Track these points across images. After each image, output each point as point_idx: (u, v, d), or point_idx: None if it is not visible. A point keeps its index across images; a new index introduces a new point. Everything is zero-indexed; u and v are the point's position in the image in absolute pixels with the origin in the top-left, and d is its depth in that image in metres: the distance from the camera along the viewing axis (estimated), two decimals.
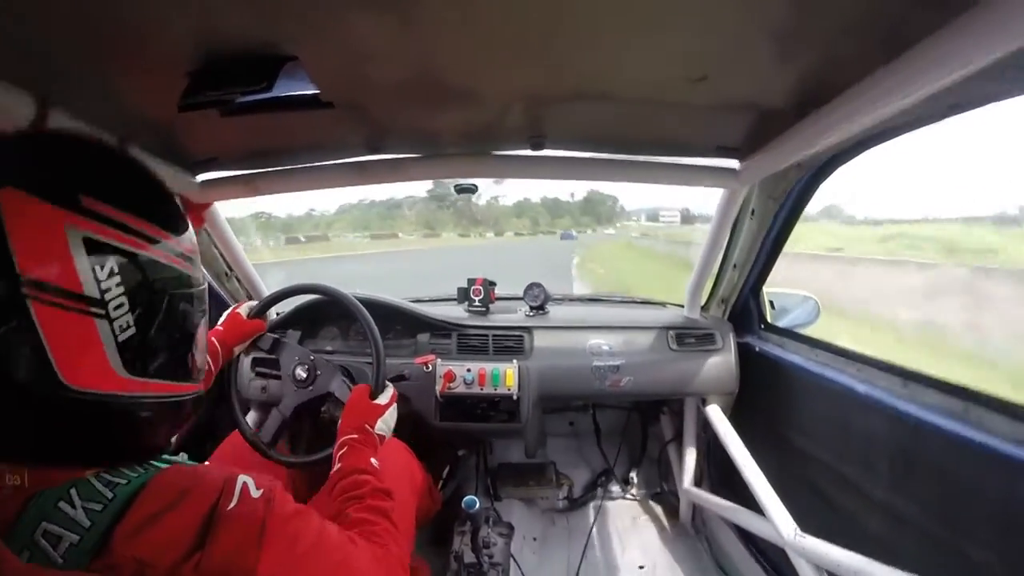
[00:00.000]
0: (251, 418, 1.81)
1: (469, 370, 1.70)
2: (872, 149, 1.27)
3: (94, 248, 0.53)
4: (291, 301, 1.73)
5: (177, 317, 0.64)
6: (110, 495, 0.53)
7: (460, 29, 0.75)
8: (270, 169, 1.43)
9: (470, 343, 1.83)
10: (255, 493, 0.60)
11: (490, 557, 1.78)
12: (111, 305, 0.54)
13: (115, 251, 0.55)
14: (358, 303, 1.42)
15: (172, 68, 0.82)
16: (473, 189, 1.65)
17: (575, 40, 0.78)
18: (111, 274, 0.54)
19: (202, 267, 0.73)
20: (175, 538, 0.53)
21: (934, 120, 1.03)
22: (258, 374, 1.66)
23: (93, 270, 0.53)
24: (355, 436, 1.10)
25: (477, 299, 1.99)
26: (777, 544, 1.39)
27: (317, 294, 1.58)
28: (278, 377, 1.57)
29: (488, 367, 1.71)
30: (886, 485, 1.22)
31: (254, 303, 1.48)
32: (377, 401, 1.23)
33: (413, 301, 2.05)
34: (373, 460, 1.06)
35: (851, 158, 1.34)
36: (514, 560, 1.87)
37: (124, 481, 0.55)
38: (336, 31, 0.75)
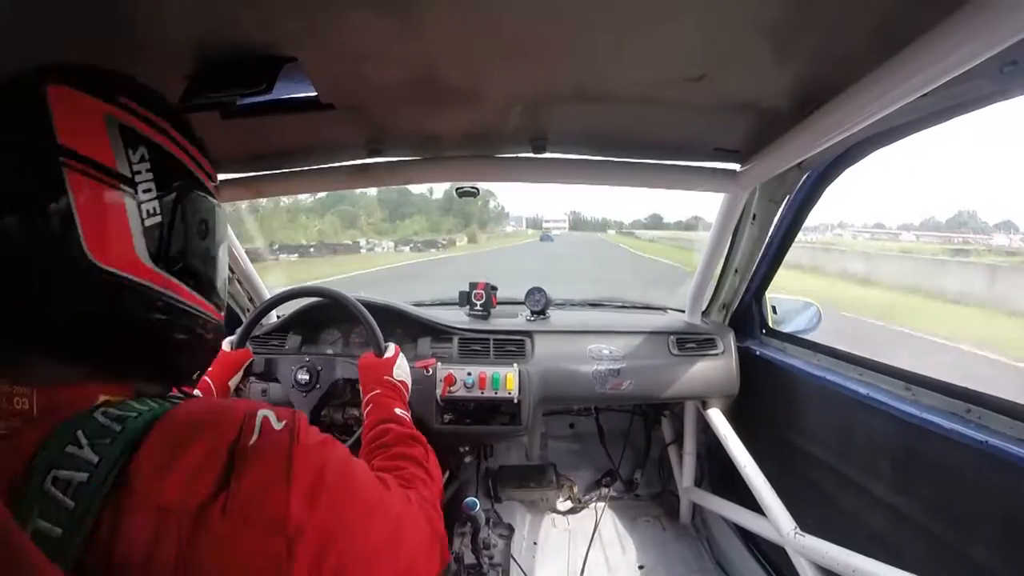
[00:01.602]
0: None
1: (470, 374, 1.70)
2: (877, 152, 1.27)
3: (128, 135, 0.56)
4: (291, 304, 1.73)
5: (200, 224, 0.65)
6: (118, 428, 0.49)
7: (460, 30, 0.76)
8: (271, 172, 1.44)
9: (471, 347, 1.83)
10: (277, 425, 0.56)
11: (490, 558, 1.78)
12: (140, 187, 0.56)
13: (147, 143, 0.58)
14: (351, 298, 1.43)
15: (172, 70, 0.82)
16: (475, 192, 1.65)
17: (575, 40, 0.79)
18: (143, 159, 0.57)
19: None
20: (197, 476, 0.49)
21: (937, 121, 1.03)
22: (259, 376, 1.66)
23: (126, 152, 0.55)
24: (377, 391, 1.17)
25: (479, 303, 1.99)
26: (776, 543, 1.39)
27: (316, 296, 1.58)
28: (277, 380, 1.57)
29: (489, 371, 1.70)
30: (888, 485, 1.22)
31: (234, 336, 1.47)
32: (386, 356, 1.32)
33: (415, 305, 2.05)
34: (397, 409, 1.11)
35: (855, 161, 1.34)
36: (514, 561, 1.87)
37: (134, 414, 0.50)
38: (336, 33, 0.76)
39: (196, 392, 1.22)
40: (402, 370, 1.31)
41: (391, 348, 1.36)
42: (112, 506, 0.46)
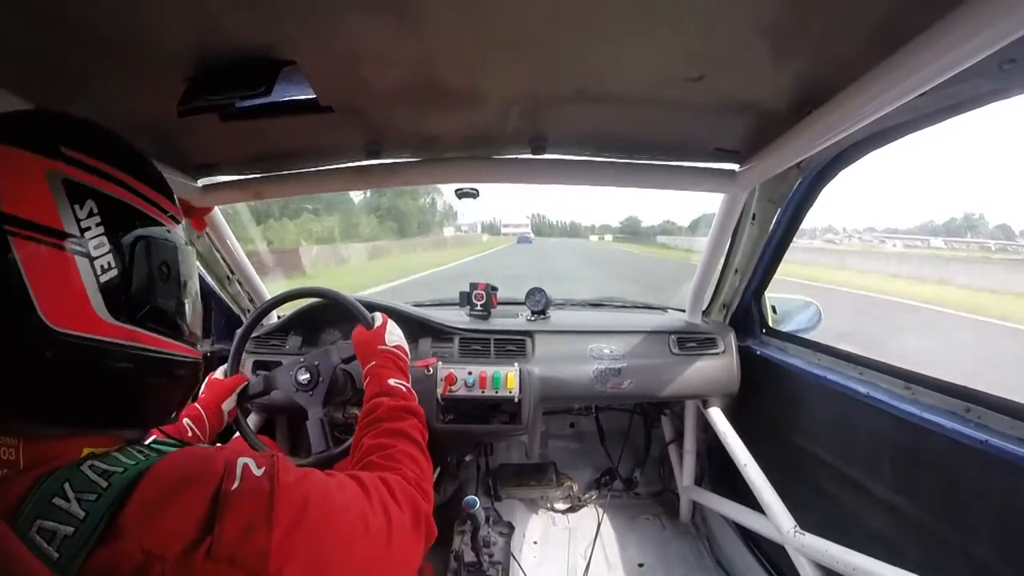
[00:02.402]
0: (252, 421, 1.81)
1: (471, 373, 1.70)
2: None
3: (74, 190, 0.54)
4: (291, 305, 1.74)
5: (161, 267, 0.63)
6: (105, 484, 0.51)
7: (459, 32, 0.76)
8: (271, 173, 1.44)
9: (472, 347, 1.83)
10: (257, 471, 0.59)
11: (490, 556, 1.78)
12: (91, 244, 0.55)
13: (95, 194, 0.56)
14: (352, 298, 1.43)
15: (171, 73, 0.82)
16: (475, 194, 1.65)
17: (573, 40, 0.78)
18: (91, 214, 0.55)
19: (185, 233, 0.73)
20: (182, 525, 0.51)
21: (936, 120, 1.03)
22: (256, 396, 1.66)
23: (73, 209, 0.54)
24: (372, 363, 1.18)
25: (479, 303, 1.99)
26: (776, 541, 1.40)
27: (316, 297, 1.58)
28: (277, 388, 1.57)
29: (489, 370, 1.70)
30: (888, 484, 1.22)
31: (225, 366, 1.49)
32: (375, 326, 1.30)
33: (415, 305, 2.05)
34: (391, 380, 1.11)
35: (853, 161, 1.35)
36: (514, 559, 1.87)
37: (120, 469, 0.53)
38: (334, 35, 0.76)
39: (186, 421, 1.24)
40: (394, 335, 1.29)
41: (378, 317, 1.34)
42: (99, 555, 0.48)
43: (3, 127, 0.55)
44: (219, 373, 1.47)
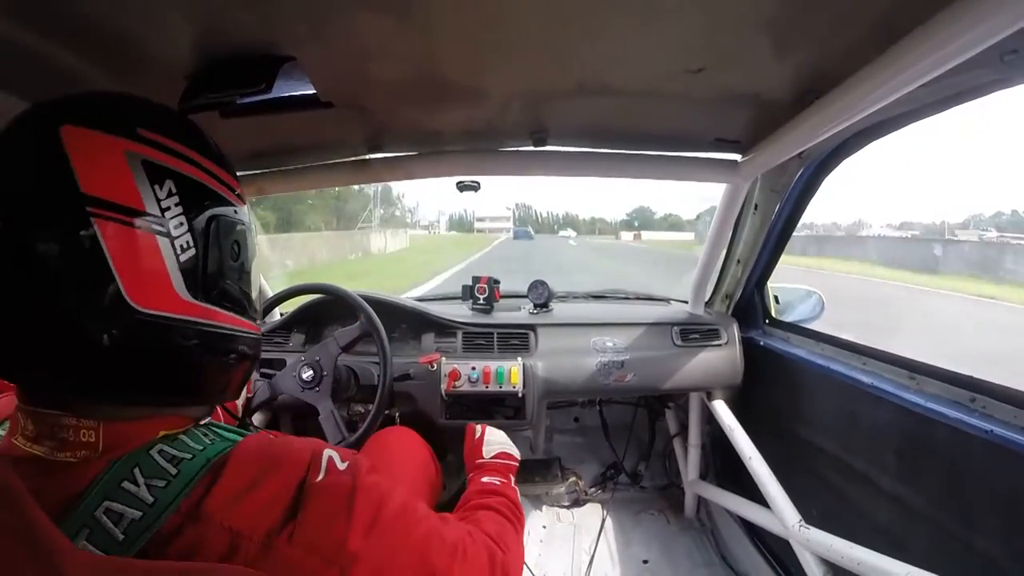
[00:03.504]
0: (257, 419, 1.81)
1: (474, 368, 1.70)
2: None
3: (153, 170, 0.54)
4: (295, 301, 1.74)
5: (232, 246, 0.64)
6: (174, 471, 0.52)
7: (459, 25, 0.76)
8: (272, 169, 1.44)
9: (475, 341, 1.83)
10: (341, 466, 0.61)
11: None
12: (171, 224, 0.55)
13: (173, 174, 0.56)
14: (357, 296, 1.43)
15: (172, 70, 0.82)
16: (476, 187, 1.65)
17: (575, 33, 0.78)
18: (170, 194, 0.55)
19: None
20: (270, 507, 0.53)
21: (937, 111, 1.03)
22: (262, 375, 1.67)
23: (153, 189, 0.54)
24: (471, 473, 1.13)
25: (482, 297, 1.99)
26: (781, 536, 1.40)
27: (320, 293, 1.59)
28: (284, 392, 1.58)
29: (493, 365, 1.71)
30: (892, 476, 1.22)
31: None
32: (474, 439, 1.24)
33: (418, 300, 2.05)
34: (484, 479, 1.07)
35: (854, 151, 1.34)
36: None
37: (188, 456, 0.54)
38: (335, 31, 0.76)
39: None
40: (493, 445, 1.22)
41: (477, 430, 1.27)
42: (182, 539, 0.49)
43: (79, 110, 0.54)
44: None
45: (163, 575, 0.46)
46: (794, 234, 1.70)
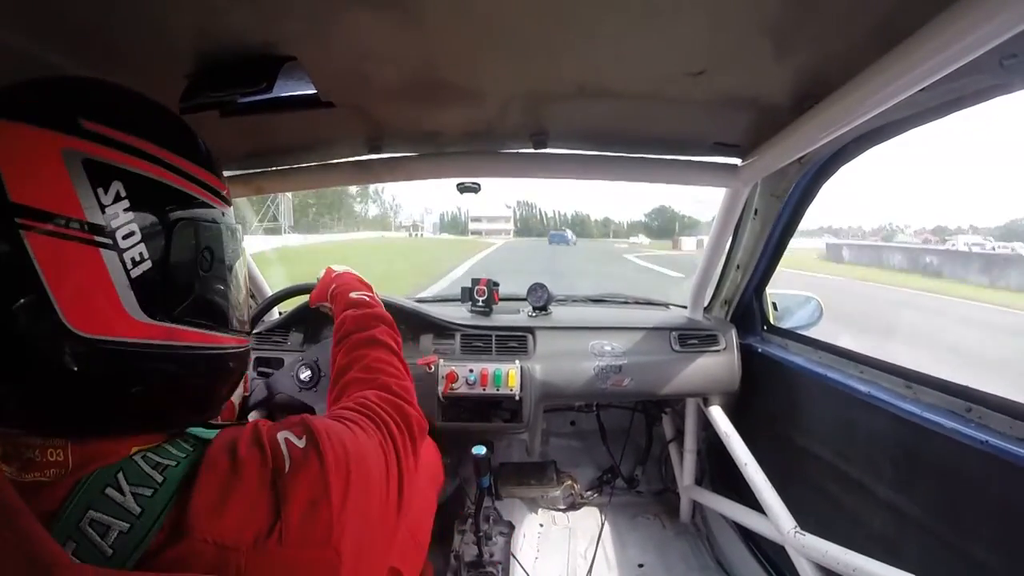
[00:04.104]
0: (253, 417, 1.81)
1: (472, 371, 1.70)
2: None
3: (96, 170, 0.47)
4: (293, 302, 1.74)
5: (202, 253, 0.56)
6: (160, 479, 0.48)
7: (460, 26, 0.76)
8: (272, 168, 1.44)
9: (473, 344, 1.83)
10: (299, 443, 0.56)
11: (491, 555, 1.78)
12: (119, 233, 0.47)
13: (122, 174, 0.48)
14: None
15: (172, 68, 0.83)
16: (476, 188, 1.65)
17: (574, 35, 0.79)
18: (117, 198, 0.48)
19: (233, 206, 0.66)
20: (248, 515, 0.50)
21: (935, 116, 1.03)
22: (260, 373, 1.67)
23: (96, 194, 0.46)
24: (332, 287, 1.14)
25: (480, 299, 1.99)
26: (777, 542, 1.39)
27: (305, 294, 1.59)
28: (282, 392, 1.57)
29: (491, 368, 1.70)
30: (888, 484, 1.22)
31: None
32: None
33: (417, 301, 2.05)
34: (353, 294, 1.06)
35: (853, 157, 1.34)
36: (515, 559, 1.87)
37: (173, 463, 0.50)
38: (335, 31, 0.76)
39: None
40: (338, 268, 1.23)
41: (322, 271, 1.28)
42: (167, 554, 0.46)
43: (11, 99, 0.48)
44: None
45: None
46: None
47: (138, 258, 0.49)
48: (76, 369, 0.47)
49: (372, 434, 0.69)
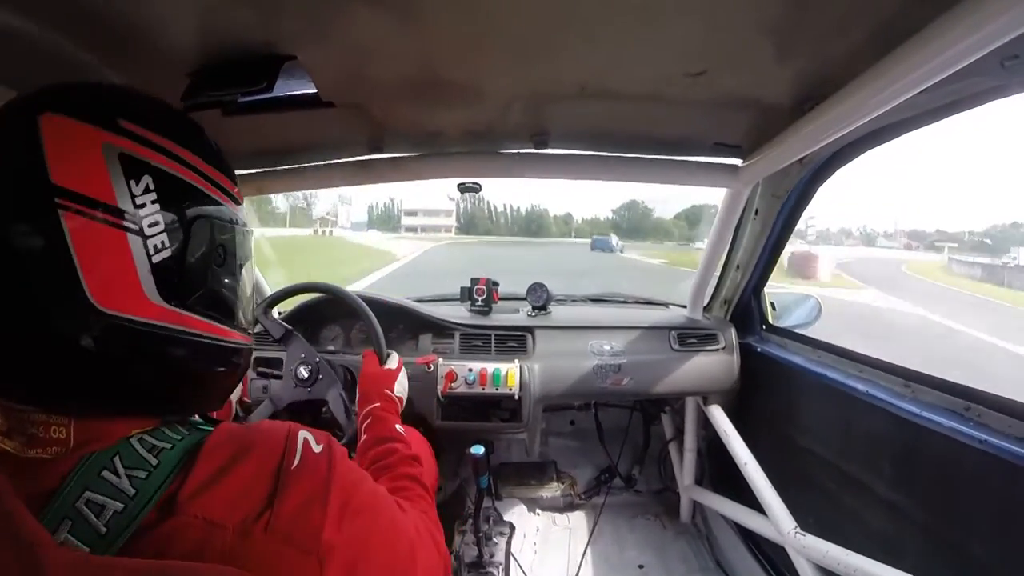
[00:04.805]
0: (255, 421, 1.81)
1: (471, 370, 1.70)
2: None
3: (130, 164, 0.52)
4: (292, 301, 1.74)
5: (216, 248, 0.60)
6: (154, 462, 0.51)
7: (461, 26, 0.76)
8: (273, 168, 1.44)
9: (472, 343, 1.83)
10: (316, 448, 0.59)
11: (491, 556, 1.78)
12: (145, 222, 0.52)
13: (152, 170, 0.53)
14: (356, 296, 1.43)
15: (173, 68, 0.83)
16: (477, 188, 1.65)
17: (576, 35, 0.79)
18: (147, 190, 0.52)
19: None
20: (245, 494, 0.52)
21: (935, 118, 1.03)
22: (260, 374, 1.67)
23: (128, 184, 0.51)
24: (376, 404, 1.15)
25: (480, 299, 2.00)
26: (777, 542, 1.40)
27: (318, 292, 1.59)
28: (279, 377, 1.57)
29: (490, 367, 1.71)
30: (887, 484, 1.22)
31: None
32: (387, 366, 1.31)
33: (416, 300, 2.05)
34: (398, 426, 1.09)
35: (851, 159, 1.35)
36: (514, 559, 1.87)
37: (168, 446, 0.53)
38: (336, 30, 0.76)
39: None
40: (402, 386, 1.30)
41: (394, 358, 1.35)
42: (156, 533, 0.48)
43: (59, 96, 0.53)
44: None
45: (145, 575, 0.45)
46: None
47: (160, 246, 0.53)
48: (93, 342, 0.50)
49: (402, 509, 0.72)
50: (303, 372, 1.46)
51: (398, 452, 0.99)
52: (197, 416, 0.66)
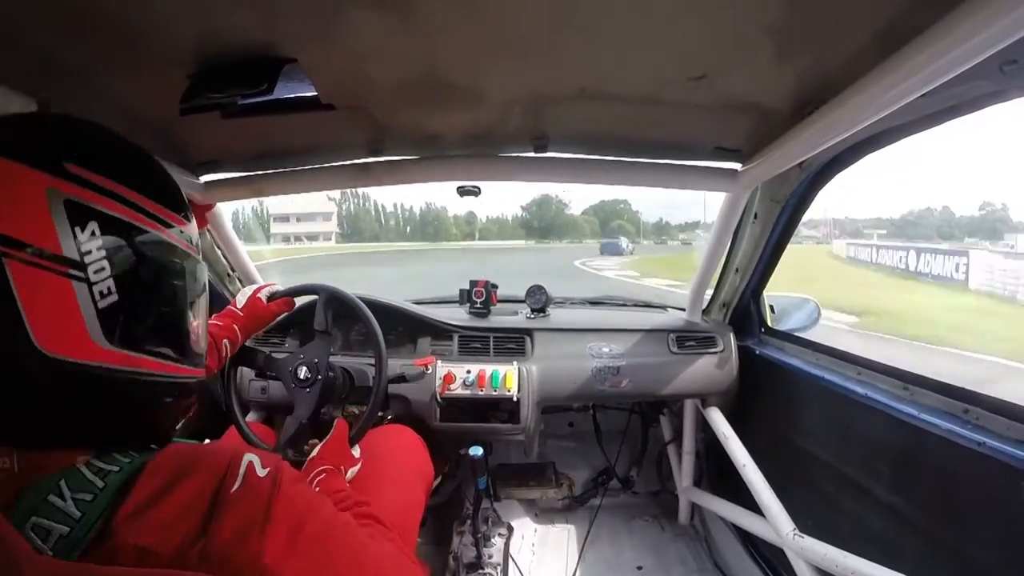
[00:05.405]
0: (251, 419, 1.81)
1: (469, 372, 1.70)
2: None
3: (76, 211, 0.52)
4: None
5: (166, 290, 0.61)
6: (101, 484, 0.50)
7: (461, 29, 0.76)
8: (273, 171, 1.44)
9: (471, 345, 1.83)
10: (261, 472, 0.57)
11: (489, 557, 1.78)
12: (91, 268, 0.52)
13: (98, 215, 0.53)
14: (355, 297, 1.43)
15: (173, 70, 0.82)
16: (476, 191, 1.65)
17: (576, 38, 0.79)
18: (92, 236, 0.52)
19: (200, 252, 0.70)
20: (182, 518, 0.50)
21: (934, 123, 1.03)
22: (258, 374, 1.67)
23: (73, 231, 0.51)
24: (330, 467, 1.09)
25: (479, 301, 1.99)
26: (775, 544, 1.40)
27: (318, 294, 1.58)
28: (278, 378, 1.57)
29: (488, 369, 1.71)
30: (886, 486, 1.22)
31: (277, 287, 1.46)
32: (354, 452, 1.23)
33: (415, 303, 2.05)
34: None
35: (851, 163, 1.35)
36: (512, 560, 1.87)
37: (116, 468, 0.52)
38: (336, 33, 0.76)
39: (224, 342, 1.25)
40: (353, 474, 1.21)
41: (357, 450, 1.27)
42: (92, 556, 0.48)
43: (6, 137, 0.52)
44: (263, 293, 1.42)
45: None
46: None
47: (106, 292, 0.53)
48: (37, 384, 0.51)
49: (370, 535, 0.71)
50: (303, 372, 1.45)
51: (352, 497, 0.93)
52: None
